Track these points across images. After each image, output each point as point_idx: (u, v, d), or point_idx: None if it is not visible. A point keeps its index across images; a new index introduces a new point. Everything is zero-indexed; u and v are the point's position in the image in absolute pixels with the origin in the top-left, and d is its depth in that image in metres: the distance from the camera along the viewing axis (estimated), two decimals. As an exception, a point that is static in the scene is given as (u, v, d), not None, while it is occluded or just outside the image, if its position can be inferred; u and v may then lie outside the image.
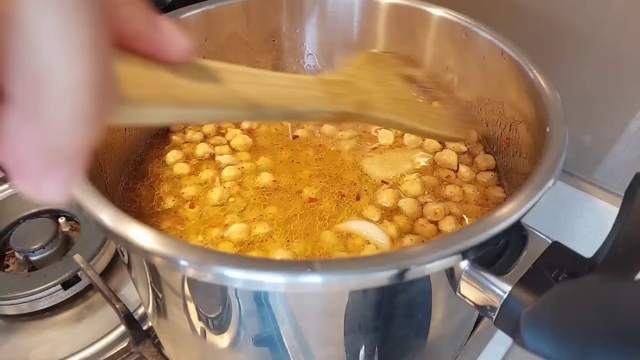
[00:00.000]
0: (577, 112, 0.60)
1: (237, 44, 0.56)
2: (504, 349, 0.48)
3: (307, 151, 0.49)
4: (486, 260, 0.28)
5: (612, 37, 0.55)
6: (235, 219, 0.42)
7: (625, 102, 0.58)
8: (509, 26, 0.48)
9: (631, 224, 0.27)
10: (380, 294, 0.31)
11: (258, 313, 0.32)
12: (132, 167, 0.48)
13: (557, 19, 0.58)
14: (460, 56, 0.50)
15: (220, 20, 0.53)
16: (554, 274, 0.27)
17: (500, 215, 0.29)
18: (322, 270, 0.25)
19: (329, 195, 0.44)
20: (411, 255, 0.27)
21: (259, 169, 0.47)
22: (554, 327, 0.22)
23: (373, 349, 0.35)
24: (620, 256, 0.26)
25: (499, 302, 0.27)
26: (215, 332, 0.35)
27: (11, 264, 0.57)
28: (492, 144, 0.49)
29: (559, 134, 0.35)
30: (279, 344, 0.34)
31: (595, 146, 0.63)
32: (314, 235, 0.40)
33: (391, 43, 0.55)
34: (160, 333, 0.48)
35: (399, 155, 0.49)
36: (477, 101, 0.50)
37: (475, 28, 0.47)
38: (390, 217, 0.42)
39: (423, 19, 0.51)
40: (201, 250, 0.27)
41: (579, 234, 0.58)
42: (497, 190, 0.45)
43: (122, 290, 0.55)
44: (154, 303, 0.37)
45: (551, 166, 0.32)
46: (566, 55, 0.59)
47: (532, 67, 0.41)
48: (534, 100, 0.40)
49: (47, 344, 0.51)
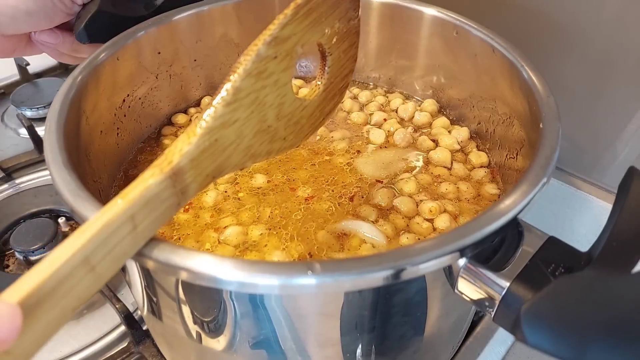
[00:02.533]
0: (576, 111, 0.60)
1: (229, 46, 0.55)
2: (504, 349, 0.48)
3: (301, 152, 0.49)
4: (483, 257, 0.28)
5: (610, 36, 0.55)
6: (231, 221, 0.42)
7: (624, 102, 0.58)
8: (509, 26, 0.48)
9: (626, 217, 0.27)
10: (377, 293, 0.30)
11: (254, 315, 0.32)
12: (124, 171, 0.47)
13: (557, 19, 0.58)
14: (452, 54, 0.51)
15: (211, 22, 0.53)
16: (551, 268, 0.27)
17: (497, 212, 0.29)
18: (322, 272, 0.25)
19: (323, 195, 0.44)
20: (410, 253, 0.26)
21: (253, 170, 0.47)
22: (554, 322, 0.22)
23: (370, 348, 0.35)
24: (616, 250, 0.26)
25: (497, 298, 0.27)
26: (211, 336, 0.35)
27: (11, 264, 0.57)
28: (485, 140, 0.49)
29: (552, 129, 0.35)
30: (276, 346, 0.34)
31: (593, 145, 0.63)
32: (310, 236, 0.40)
33: (383, 42, 0.55)
34: (156, 336, 0.47)
35: (392, 154, 0.49)
36: (470, 98, 0.50)
37: (467, 26, 0.47)
38: (386, 216, 0.42)
39: (415, 18, 0.51)
40: (196, 253, 0.27)
41: (577, 233, 0.58)
42: (491, 186, 0.45)
43: (122, 290, 0.55)
44: (148, 307, 0.37)
45: (545, 162, 0.32)
46: (565, 54, 0.59)
47: (524, 63, 0.41)
48: (526, 96, 0.40)
49: (47, 343, 0.51)
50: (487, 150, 0.49)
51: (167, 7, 0.50)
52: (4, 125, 0.79)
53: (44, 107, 0.78)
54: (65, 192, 0.31)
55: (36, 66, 0.88)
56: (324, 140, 0.50)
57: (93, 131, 0.42)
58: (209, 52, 0.54)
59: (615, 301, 0.22)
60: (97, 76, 0.43)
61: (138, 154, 0.50)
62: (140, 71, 0.48)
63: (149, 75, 0.50)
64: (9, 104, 0.81)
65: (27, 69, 0.85)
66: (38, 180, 0.69)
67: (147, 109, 0.51)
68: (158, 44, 0.49)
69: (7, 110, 0.82)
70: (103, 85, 0.44)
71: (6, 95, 0.84)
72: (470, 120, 0.51)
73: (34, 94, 0.80)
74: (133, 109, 0.49)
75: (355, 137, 0.51)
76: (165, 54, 0.50)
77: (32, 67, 0.86)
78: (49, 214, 0.61)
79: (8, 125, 0.79)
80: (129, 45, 0.46)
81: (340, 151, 0.49)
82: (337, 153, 0.49)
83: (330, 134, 0.51)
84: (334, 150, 0.49)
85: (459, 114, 0.53)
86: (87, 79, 0.41)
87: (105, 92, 0.44)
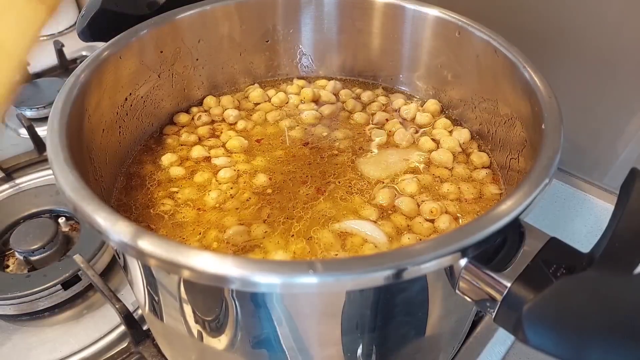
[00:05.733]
0: (577, 112, 0.60)
1: (230, 45, 0.55)
2: (504, 349, 0.48)
3: (303, 151, 0.49)
4: (484, 257, 0.28)
5: (612, 37, 0.55)
6: (233, 220, 0.42)
7: (625, 102, 0.58)
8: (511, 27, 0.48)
9: (627, 218, 0.27)
10: (379, 292, 0.30)
11: (255, 314, 0.32)
12: (127, 170, 0.47)
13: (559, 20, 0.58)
14: (454, 54, 0.51)
15: (213, 22, 0.53)
16: (553, 269, 0.27)
17: (499, 213, 0.29)
18: (324, 271, 0.25)
19: (326, 195, 0.44)
20: (411, 253, 0.27)
21: (255, 169, 0.47)
22: (555, 323, 0.22)
23: (371, 348, 0.35)
24: (618, 251, 0.26)
25: (499, 298, 0.27)
26: (212, 335, 0.35)
27: (11, 264, 0.57)
28: (486, 141, 0.49)
29: (554, 130, 0.35)
30: (277, 346, 0.34)
31: (594, 146, 0.63)
32: (312, 235, 0.40)
33: (386, 42, 0.55)
34: (157, 335, 0.47)
35: (394, 154, 0.49)
36: (471, 99, 0.50)
37: (469, 27, 0.47)
38: (388, 216, 0.42)
39: (417, 18, 0.51)
40: (198, 252, 0.27)
41: (579, 234, 0.58)
42: (493, 187, 0.45)
43: (122, 290, 0.55)
44: (150, 306, 0.37)
45: (547, 163, 0.32)
46: (566, 55, 0.59)
47: (526, 64, 0.41)
48: (528, 97, 0.40)
49: (47, 344, 0.51)
50: (488, 151, 0.49)
51: (169, 6, 0.50)
52: (4, 125, 0.79)
53: (44, 107, 0.78)
54: (68, 190, 0.31)
55: (36, 66, 0.88)
56: (327, 140, 0.50)
57: (95, 129, 0.42)
58: (211, 51, 0.54)
59: (617, 302, 0.22)
60: (100, 74, 0.43)
61: (140, 152, 0.50)
62: (143, 70, 0.49)
63: (151, 74, 0.50)
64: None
65: (27, 69, 0.85)
66: (38, 180, 0.69)
67: (149, 107, 0.51)
68: (160, 43, 0.49)
69: (7, 110, 0.81)
70: (105, 84, 0.44)
71: (7, 94, 0.84)
72: (472, 120, 0.51)
73: (34, 94, 0.81)
74: (135, 107, 0.49)
75: (357, 137, 0.51)
76: (167, 53, 0.50)
77: (32, 67, 0.86)
78: (49, 214, 0.61)
79: (8, 125, 0.79)
80: (131, 43, 0.46)
81: (343, 150, 0.49)
82: (340, 152, 0.49)
83: (332, 133, 0.51)
84: (337, 150, 0.49)
85: (461, 115, 0.53)
86: (89, 78, 0.41)
87: (107, 91, 0.44)
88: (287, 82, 0.60)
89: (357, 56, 0.58)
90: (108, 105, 0.45)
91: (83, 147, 0.39)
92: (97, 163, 0.42)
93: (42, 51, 0.96)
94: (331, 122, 0.53)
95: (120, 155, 0.47)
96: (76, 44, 0.93)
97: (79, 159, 0.36)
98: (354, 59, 0.59)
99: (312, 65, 0.60)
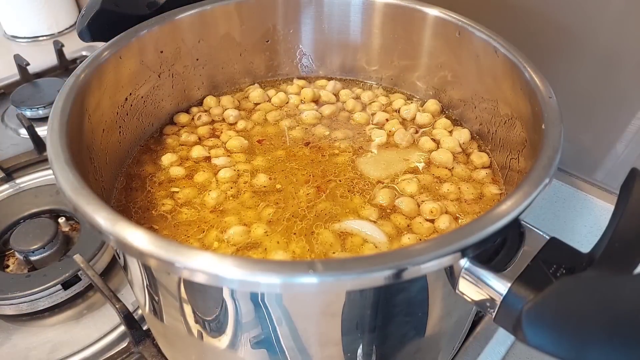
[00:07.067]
0: (577, 112, 0.60)
1: (230, 45, 0.55)
2: (504, 349, 0.48)
3: (303, 151, 0.49)
4: (484, 257, 0.28)
5: (612, 37, 0.55)
6: (234, 220, 0.42)
7: (625, 102, 0.58)
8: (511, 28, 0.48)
9: (627, 218, 0.27)
10: (379, 292, 0.30)
11: (255, 314, 0.32)
12: (126, 170, 0.47)
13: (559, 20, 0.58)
14: (454, 55, 0.51)
15: (213, 22, 0.53)
16: (553, 269, 0.27)
17: (499, 213, 0.29)
18: (324, 271, 0.25)
19: (325, 194, 0.44)
20: (412, 253, 0.27)
21: (256, 169, 0.47)
22: (555, 323, 0.22)
23: (371, 348, 0.35)
24: (618, 251, 0.26)
25: (498, 298, 0.27)
26: (212, 335, 0.35)
27: (11, 264, 0.57)
28: (486, 141, 0.49)
29: (554, 130, 0.35)
30: (277, 345, 0.34)
31: (595, 146, 0.63)
32: (312, 235, 0.40)
33: (386, 42, 0.55)
34: (157, 335, 0.47)
35: (394, 154, 0.49)
36: (472, 99, 0.51)
37: (469, 27, 0.47)
38: (388, 216, 0.42)
39: (417, 18, 0.51)
40: (198, 252, 0.27)
41: (578, 234, 0.58)
42: (493, 187, 0.45)
43: (122, 290, 0.55)
44: (150, 306, 0.37)
45: (548, 163, 0.32)
46: (566, 55, 0.59)
47: (526, 64, 0.41)
48: (528, 97, 0.40)
49: (47, 344, 0.51)
50: (488, 151, 0.49)
51: (169, 6, 0.50)
52: (4, 125, 0.79)
53: (44, 107, 0.78)
54: (68, 190, 0.31)
55: (36, 66, 0.88)
56: (327, 140, 0.50)
57: (95, 129, 0.42)
58: (211, 51, 0.54)
59: (617, 302, 0.22)
60: (100, 74, 0.43)
61: (140, 152, 0.50)
62: (143, 70, 0.49)
63: (151, 74, 0.50)
64: (9, 104, 0.81)
65: (27, 69, 0.85)
66: (38, 180, 0.69)
67: (149, 107, 0.51)
68: (160, 43, 0.49)
69: (7, 110, 0.82)
70: (106, 84, 0.44)
71: (6, 95, 0.85)
72: (472, 120, 0.51)
73: (34, 94, 0.81)
74: (135, 107, 0.49)
75: (357, 137, 0.51)
76: (167, 53, 0.51)
77: (32, 67, 0.86)
78: (49, 214, 0.61)
79: (8, 125, 0.79)
80: (131, 43, 0.46)
81: (343, 150, 0.49)
82: (340, 152, 0.49)
83: (332, 133, 0.51)
84: (337, 150, 0.49)
85: (461, 115, 0.53)
86: (89, 78, 0.41)
87: (107, 91, 0.44)
88: (287, 82, 0.60)
89: (357, 56, 0.58)
90: (108, 105, 0.45)
91: (83, 147, 0.39)
92: (97, 163, 0.42)
93: (42, 51, 0.96)
94: (331, 122, 0.53)
95: (120, 155, 0.47)
96: (76, 44, 0.93)
97: (79, 159, 0.36)
98: (354, 59, 0.59)
99: (312, 65, 0.60)
